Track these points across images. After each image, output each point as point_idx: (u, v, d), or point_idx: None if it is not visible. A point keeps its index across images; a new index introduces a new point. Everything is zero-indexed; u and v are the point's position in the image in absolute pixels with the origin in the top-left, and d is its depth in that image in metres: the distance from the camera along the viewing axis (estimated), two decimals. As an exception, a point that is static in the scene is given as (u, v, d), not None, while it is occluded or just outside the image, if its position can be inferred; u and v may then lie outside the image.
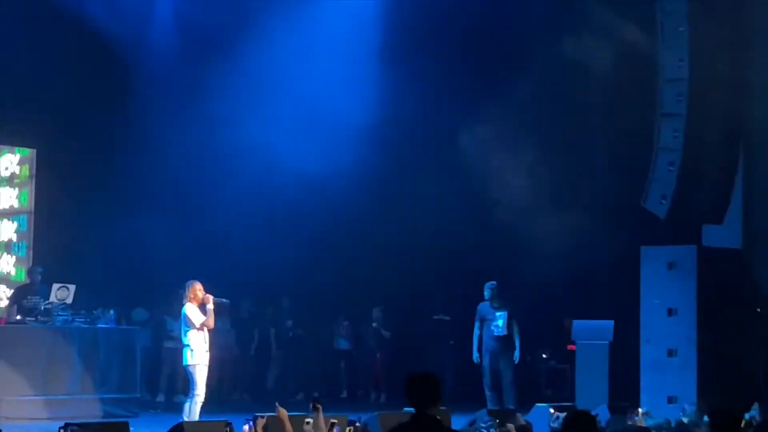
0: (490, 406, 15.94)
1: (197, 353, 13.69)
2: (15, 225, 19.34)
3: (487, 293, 17.00)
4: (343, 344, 21.15)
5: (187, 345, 13.65)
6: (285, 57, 19.52)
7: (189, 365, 13.69)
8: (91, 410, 15.85)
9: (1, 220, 19.24)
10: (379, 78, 19.21)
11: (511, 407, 15.42)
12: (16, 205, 19.38)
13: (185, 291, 13.80)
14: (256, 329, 20.75)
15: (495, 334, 16.87)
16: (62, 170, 19.20)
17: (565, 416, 7.42)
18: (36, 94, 18.46)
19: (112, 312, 17.15)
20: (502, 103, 18.10)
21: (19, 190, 19.38)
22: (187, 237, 19.59)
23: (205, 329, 13.75)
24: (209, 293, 13.84)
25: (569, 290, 18.56)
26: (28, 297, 16.62)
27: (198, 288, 13.72)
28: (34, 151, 19.43)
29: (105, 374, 16.44)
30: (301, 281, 20.20)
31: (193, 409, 13.61)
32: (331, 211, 19.92)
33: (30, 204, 19.39)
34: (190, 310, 13.67)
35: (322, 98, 19.01)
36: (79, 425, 11.05)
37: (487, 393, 16.82)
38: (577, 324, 17.64)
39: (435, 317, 20.46)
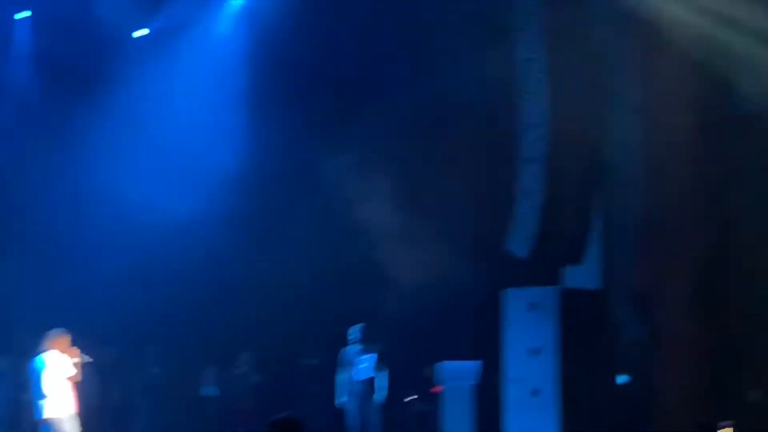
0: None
1: (59, 405, 13.34)
2: None
3: (353, 335, 17.01)
4: (210, 390, 20.90)
5: (48, 396, 13.28)
6: (149, 102, 19.42)
7: (50, 418, 13.27)
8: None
9: None
10: (243, 121, 19.22)
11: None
12: None
13: (48, 340, 13.44)
14: (120, 377, 20.40)
15: (361, 377, 16.86)
16: None
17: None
18: None
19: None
20: (364, 141, 18.23)
21: None
22: (50, 284, 19.24)
23: (68, 381, 13.41)
24: (75, 344, 13.47)
25: (435, 331, 18.63)
26: None
27: (63, 340, 13.41)
28: None
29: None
30: (166, 327, 19.95)
31: None
32: (197, 255, 19.76)
33: None
34: (55, 360, 13.30)
35: (186, 142, 18.96)
36: None
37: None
38: (443, 365, 17.74)
39: (303, 361, 20.36)
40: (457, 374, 17.59)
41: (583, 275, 17.33)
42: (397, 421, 18.00)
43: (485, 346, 17.62)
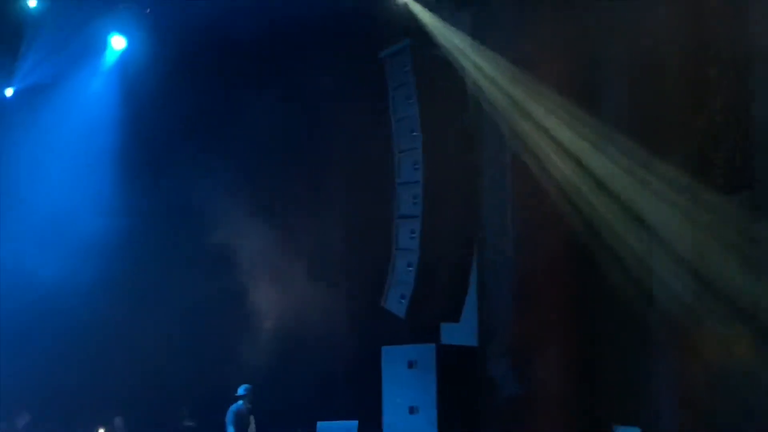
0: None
1: None
2: None
3: (243, 394, 16.91)
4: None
5: None
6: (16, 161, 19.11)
7: None
8: None
9: None
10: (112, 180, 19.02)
11: None
12: None
13: None
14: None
15: None
16: None
17: None
18: None
19: None
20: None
21: None
22: None
23: None
24: None
25: (312, 388, 18.55)
26: None
27: None
28: None
29: None
30: (36, 392, 19.46)
31: None
32: (71, 317, 19.37)
33: None
34: None
35: (54, 202, 18.67)
36: None
37: None
38: (322, 426, 17.67)
39: (181, 423, 20.07)
40: (336, 434, 17.55)
41: (460, 333, 17.48)
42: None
43: (364, 403, 17.61)
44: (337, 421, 17.71)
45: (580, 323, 16.63)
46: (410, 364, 17.05)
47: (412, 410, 16.92)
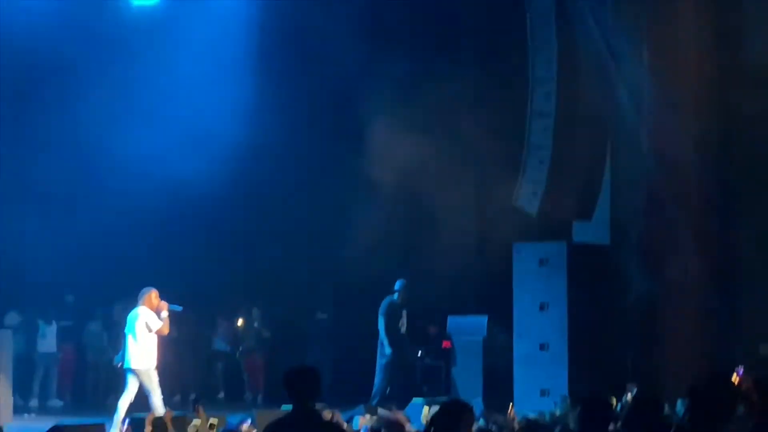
0: (377, 400, 16.11)
1: (148, 357, 14.09)
2: None
3: (398, 290, 17.18)
4: (221, 345, 21.02)
5: (138, 348, 14.01)
6: (158, 66, 19.52)
7: (138, 369, 14.01)
8: (-39, 415, 15.54)
9: None
10: (249, 84, 19.25)
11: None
12: None
13: (140, 297, 14.23)
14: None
15: (401, 331, 17.03)
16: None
17: (442, 404, 7.57)
18: None
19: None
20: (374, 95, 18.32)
21: None
22: (62, 240, 19.33)
23: (155, 335, 14.14)
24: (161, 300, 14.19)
25: (445, 286, 18.71)
26: None
27: (154, 295, 14.19)
28: None
29: (-24, 379, 16.12)
30: (177, 282, 20.01)
31: (155, 405, 13.79)
32: (209, 211, 19.85)
33: None
34: (147, 315, 14.08)
35: (193, 105, 19.05)
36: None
37: (378, 388, 16.92)
38: (452, 320, 17.89)
39: (315, 316, 20.47)
40: (466, 328, 17.73)
41: (591, 230, 17.44)
42: (409, 376, 18.11)
43: (494, 300, 17.74)
44: (468, 316, 17.92)
45: (715, 224, 16.48)
46: (541, 262, 17.06)
47: (542, 307, 16.97)
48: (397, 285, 17.26)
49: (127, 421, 11.95)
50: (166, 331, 14.26)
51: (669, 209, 16.84)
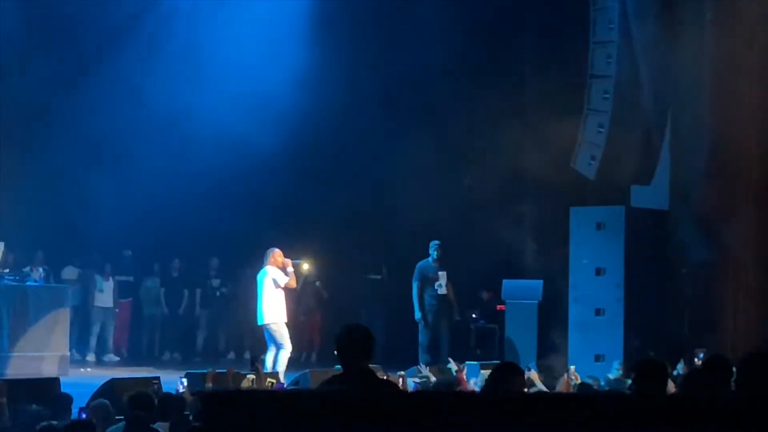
0: (421, 362, 16.08)
1: (278, 311, 14.82)
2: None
3: (432, 252, 17.10)
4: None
5: (268, 304, 14.78)
6: (216, 27, 19.65)
7: (270, 323, 14.78)
8: (20, 368, 15.70)
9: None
10: (307, 48, 19.28)
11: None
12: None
13: (265, 257, 15.04)
14: (185, 289, 20.68)
15: (438, 293, 16.99)
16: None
17: (495, 366, 7.53)
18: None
19: (41, 270, 17.01)
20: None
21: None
22: (118, 196, 19.49)
23: (282, 290, 14.85)
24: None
25: (500, 249, 18.65)
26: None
27: (278, 254, 15.01)
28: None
29: (34, 332, 16.30)
30: (233, 241, 20.14)
31: (278, 360, 14.56)
32: (260, 173, 19.92)
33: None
34: (274, 272, 14.85)
35: (249, 66, 19.13)
36: (8, 381, 11.00)
37: (423, 352, 16.91)
38: (507, 283, 17.83)
39: (367, 276, 20.48)
40: (521, 292, 17.67)
41: (649, 195, 17.27)
42: (462, 339, 18.11)
43: (551, 264, 17.64)
44: (523, 280, 17.85)
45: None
46: (598, 226, 16.93)
47: (598, 272, 16.86)
48: (431, 246, 17.18)
49: (184, 378, 12.01)
50: (293, 284, 15.09)
51: (729, 176, 16.63)
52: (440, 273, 17.05)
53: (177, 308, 20.56)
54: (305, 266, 15.98)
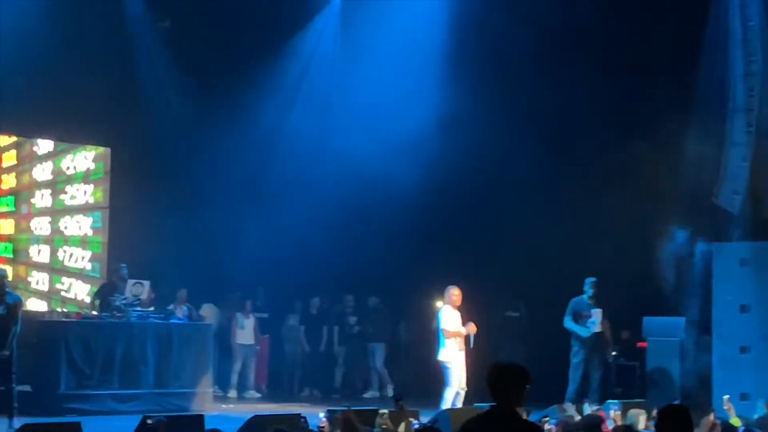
0: (568, 399, 15.94)
1: (447, 351, 15.17)
2: (90, 220, 19.69)
3: (587, 289, 16.94)
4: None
5: (442, 343, 15.15)
6: (352, 61, 19.91)
7: (442, 360, 15.20)
8: (164, 404, 16.04)
9: (78, 216, 19.59)
10: (442, 81, 19.39)
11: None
12: (91, 201, 19.73)
13: (444, 295, 15.40)
14: (324, 326, 20.84)
15: (591, 330, 16.82)
16: (137, 167, 19.54)
17: (660, 410, 7.33)
18: (111, 94, 18.71)
19: (185, 307, 17.33)
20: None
21: (95, 186, 19.74)
22: (258, 235, 19.81)
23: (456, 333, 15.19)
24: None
25: (641, 286, 18.37)
26: (115, 295, 16.72)
27: (453, 292, 15.32)
28: (108, 149, 19.79)
29: (178, 369, 16.61)
30: (373, 280, 20.22)
31: (447, 397, 14.97)
32: (398, 212, 20.06)
33: (105, 200, 19.75)
34: (446, 312, 15.23)
35: (388, 101, 19.30)
36: (158, 417, 11.18)
37: (572, 387, 16.72)
38: (648, 321, 17.56)
39: (505, 313, 20.37)
40: (662, 330, 17.38)
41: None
42: (603, 376, 17.82)
43: (692, 300, 17.32)
44: (664, 317, 17.56)
45: None
46: (742, 262, 16.58)
47: (743, 308, 16.49)
48: (587, 283, 16.98)
49: (324, 415, 12.05)
50: (452, 335, 15.13)
51: None
52: (594, 311, 16.81)
53: (316, 345, 20.72)
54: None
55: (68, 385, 15.65)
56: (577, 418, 12.56)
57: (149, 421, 10.56)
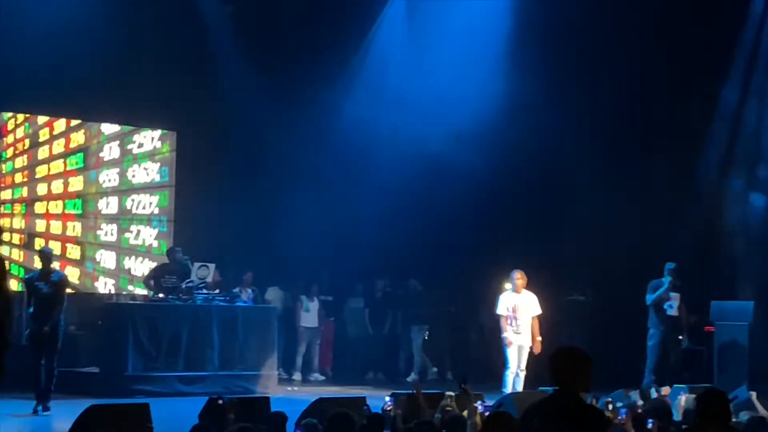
0: (645, 383, 15.84)
1: (506, 334, 15.35)
2: (156, 199, 19.86)
3: (666, 274, 16.78)
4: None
5: (504, 326, 15.39)
6: (417, 48, 19.98)
7: (502, 343, 15.35)
8: (230, 386, 16.13)
9: (143, 194, 19.78)
10: (507, 68, 19.33)
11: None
12: (157, 179, 19.90)
13: (512, 278, 15.53)
14: (389, 309, 20.84)
15: (668, 314, 16.66)
16: (202, 151, 19.66)
17: (699, 394, 7.31)
18: (177, 79, 18.83)
19: (250, 290, 17.40)
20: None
21: (161, 165, 19.89)
22: (323, 218, 19.87)
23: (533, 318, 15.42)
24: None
25: (707, 270, 18.20)
26: (166, 276, 16.84)
27: (518, 276, 15.47)
28: (174, 134, 19.92)
29: (243, 352, 16.69)
30: (438, 264, 20.18)
31: (507, 381, 15.14)
32: (464, 196, 20.08)
33: (171, 179, 19.90)
34: (503, 297, 15.48)
35: (452, 88, 19.30)
36: (225, 399, 11.24)
37: (648, 372, 16.58)
38: (716, 305, 17.37)
39: (570, 297, 20.24)
40: (731, 314, 17.17)
41: None
42: (670, 360, 17.65)
43: (762, 286, 17.13)
44: (732, 302, 17.36)
45: None
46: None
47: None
48: (666, 269, 16.80)
49: (390, 398, 12.04)
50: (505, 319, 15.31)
51: None
52: (672, 294, 16.68)
53: (380, 328, 20.73)
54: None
55: (135, 367, 15.78)
56: (640, 402, 12.46)
57: (219, 402, 10.62)
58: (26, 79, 17.32)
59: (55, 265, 15.41)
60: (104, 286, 19.27)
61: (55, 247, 18.01)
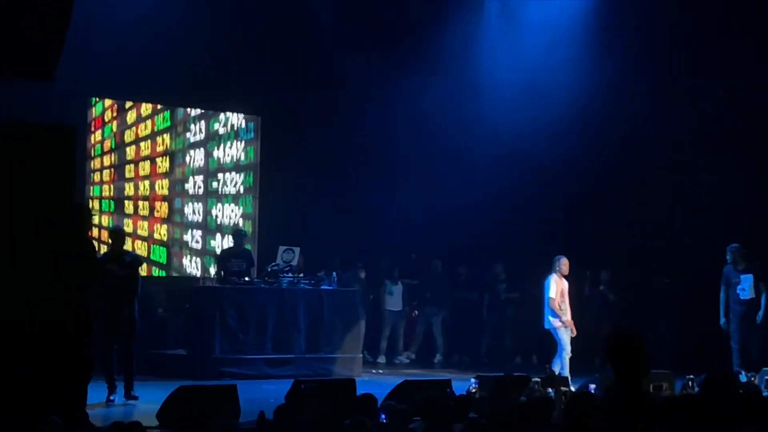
0: (735, 368, 15.72)
1: (556, 319, 15.51)
2: (241, 178, 20.08)
3: (729, 256, 16.56)
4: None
5: (550, 310, 15.53)
6: (505, 35, 19.99)
7: (549, 328, 15.61)
8: (316, 369, 16.26)
9: (230, 175, 20.01)
10: (593, 55, 19.23)
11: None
12: (243, 158, 20.10)
13: (553, 264, 15.68)
14: (473, 294, 20.81)
15: (741, 297, 16.43)
16: (287, 136, 19.84)
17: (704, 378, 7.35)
18: (261, 64, 19.00)
19: (334, 274, 17.53)
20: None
21: (246, 144, 20.10)
22: (408, 204, 19.94)
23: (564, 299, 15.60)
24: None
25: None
26: (232, 260, 16.88)
27: (563, 263, 15.63)
28: (259, 118, 20.12)
29: (329, 334, 16.81)
30: (529, 250, 20.12)
31: (563, 364, 15.26)
32: (548, 182, 20.15)
33: (256, 159, 20.09)
34: (553, 282, 15.51)
35: (538, 76, 19.34)
36: (311, 382, 11.37)
37: (736, 357, 16.39)
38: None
39: (658, 280, 20.04)
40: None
41: None
42: (753, 344, 17.42)
43: None
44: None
45: None
46: None
47: None
48: (727, 252, 16.58)
49: (475, 380, 12.09)
50: (555, 300, 15.47)
51: None
52: (743, 277, 16.45)
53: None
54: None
55: (222, 349, 15.94)
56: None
57: (303, 386, 10.73)
58: (115, 65, 17.56)
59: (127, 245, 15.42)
60: (191, 264, 19.54)
61: (142, 227, 18.30)
